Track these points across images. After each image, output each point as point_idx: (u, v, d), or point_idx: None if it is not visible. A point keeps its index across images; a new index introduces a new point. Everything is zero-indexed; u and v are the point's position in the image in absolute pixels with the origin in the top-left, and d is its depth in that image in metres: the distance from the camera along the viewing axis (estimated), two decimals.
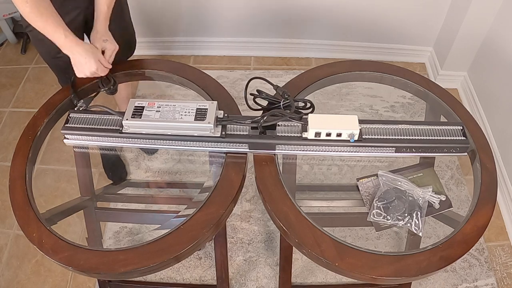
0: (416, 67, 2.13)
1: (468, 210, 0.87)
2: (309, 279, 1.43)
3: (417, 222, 0.88)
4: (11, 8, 2.12)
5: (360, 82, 1.23)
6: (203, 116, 0.92)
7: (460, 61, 1.93)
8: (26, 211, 0.86)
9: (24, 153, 0.96)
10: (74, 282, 1.44)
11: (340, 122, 0.92)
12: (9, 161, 0.96)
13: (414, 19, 1.96)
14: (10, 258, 1.51)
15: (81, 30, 1.22)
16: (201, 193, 0.96)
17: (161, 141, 0.96)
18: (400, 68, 1.15)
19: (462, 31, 1.78)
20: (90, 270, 0.79)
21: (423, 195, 0.91)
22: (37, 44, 1.22)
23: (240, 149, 0.94)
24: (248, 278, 1.44)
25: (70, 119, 0.98)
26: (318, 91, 1.15)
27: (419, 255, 0.80)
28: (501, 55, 1.67)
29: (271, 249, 1.50)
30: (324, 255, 0.80)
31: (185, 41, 2.17)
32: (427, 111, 1.18)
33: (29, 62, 2.24)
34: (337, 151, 0.94)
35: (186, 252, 0.81)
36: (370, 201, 0.93)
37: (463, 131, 0.95)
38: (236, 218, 1.57)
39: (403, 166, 0.99)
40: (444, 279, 1.42)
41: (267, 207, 0.88)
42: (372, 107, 1.86)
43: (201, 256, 1.48)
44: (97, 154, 1.56)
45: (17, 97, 2.06)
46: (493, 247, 1.51)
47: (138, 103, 0.95)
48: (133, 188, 1.58)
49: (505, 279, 1.43)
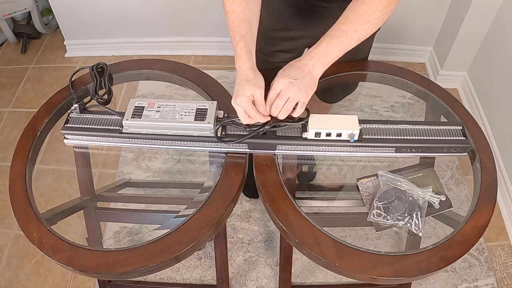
0: (416, 67, 2.13)
1: (468, 210, 0.87)
2: (309, 279, 1.43)
3: (417, 222, 0.88)
4: (11, 8, 2.12)
5: (360, 82, 1.23)
6: (203, 116, 0.92)
7: (460, 61, 1.93)
8: (26, 211, 0.86)
9: (24, 153, 0.96)
10: (74, 282, 1.44)
11: (340, 122, 0.92)
12: (9, 161, 0.96)
13: (414, 19, 1.96)
14: (10, 258, 1.51)
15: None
16: (201, 193, 0.96)
17: (161, 141, 0.95)
18: (400, 68, 1.15)
19: (462, 31, 1.78)
20: (90, 270, 0.79)
21: (423, 195, 0.91)
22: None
23: (240, 149, 0.94)
24: (248, 278, 1.44)
25: (70, 119, 0.98)
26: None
27: (419, 255, 0.80)
28: (501, 55, 1.67)
29: (271, 249, 1.50)
30: (324, 255, 0.80)
31: (185, 41, 2.17)
32: (427, 111, 1.18)
33: (29, 62, 2.25)
34: (337, 151, 0.94)
35: (186, 252, 0.81)
36: (370, 201, 0.92)
37: (463, 131, 0.95)
38: (236, 218, 1.57)
39: (403, 166, 0.99)
40: (444, 279, 1.42)
41: (267, 207, 0.88)
42: (372, 107, 1.86)
43: (201, 256, 1.48)
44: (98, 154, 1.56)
45: (17, 97, 2.06)
46: (493, 247, 1.51)
47: (138, 103, 0.95)
48: (133, 188, 1.58)
49: (505, 279, 1.43)
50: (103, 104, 1.04)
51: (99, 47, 2.23)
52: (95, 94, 1.05)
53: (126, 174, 1.69)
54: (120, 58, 1.26)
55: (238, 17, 0.87)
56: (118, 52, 2.21)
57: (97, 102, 1.04)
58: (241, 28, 0.87)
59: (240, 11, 0.86)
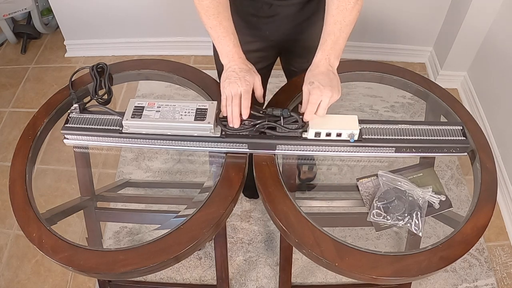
0: (416, 67, 2.13)
1: (468, 210, 0.87)
2: (309, 279, 1.43)
3: (417, 222, 0.88)
4: (11, 8, 2.12)
5: (360, 82, 1.23)
6: (203, 116, 0.92)
7: (460, 61, 1.93)
8: (26, 211, 0.86)
9: (24, 153, 0.96)
10: (74, 282, 1.44)
11: (340, 122, 0.92)
12: (9, 161, 0.96)
13: (414, 19, 1.96)
14: (10, 258, 1.51)
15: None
16: (201, 193, 0.96)
17: (161, 141, 0.95)
18: (400, 68, 1.15)
19: (462, 31, 1.78)
20: (90, 270, 0.79)
21: (423, 195, 0.91)
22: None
23: (240, 149, 0.94)
24: (248, 278, 1.44)
25: (70, 119, 0.98)
26: None
27: (419, 255, 0.80)
28: (501, 55, 1.67)
29: (271, 249, 1.50)
30: (324, 255, 0.80)
31: (185, 41, 2.17)
32: (427, 111, 1.18)
33: (29, 62, 2.25)
34: (337, 151, 0.94)
35: (186, 252, 0.81)
36: (370, 201, 0.92)
37: (463, 131, 0.95)
38: (236, 218, 1.57)
39: (403, 166, 0.99)
40: (444, 279, 1.42)
41: (267, 207, 0.88)
42: (372, 107, 1.86)
43: (201, 256, 1.48)
44: (98, 154, 1.56)
45: (17, 97, 2.07)
46: (493, 247, 1.51)
47: (138, 103, 0.95)
48: (133, 188, 1.58)
49: (505, 279, 1.43)
50: (103, 104, 1.04)
51: (99, 47, 2.23)
52: (95, 94, 1.05)
53: (126, 174, 1.69)
54: (120, 58, 1.26)
55: (216, 12, 0.90)
56: (118, 52, 2.22)
57: (97, 102, 1.04)
58: (223, 21, 0.91)
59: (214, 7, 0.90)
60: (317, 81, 0.85)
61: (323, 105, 0.86)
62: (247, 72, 0.91)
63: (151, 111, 0.93)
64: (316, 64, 0.89)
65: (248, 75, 0.90)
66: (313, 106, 0.86)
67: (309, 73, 0.89)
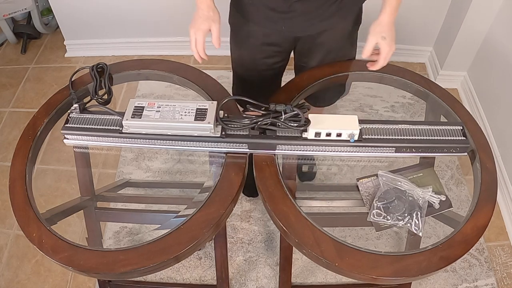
0: (416, 67, 2.13)
1: (468, 210, 0.87)
2: (309, 279, 1.43)
3: (417, 222, 0.88)
4: (11, 8, 2.12)
5: (360, 82, 1.23)
6: (203, 116, 0.92)
7: (460, 61, 1.93)
8: (26, 211, 0.86)
9: (24, 153, 0.96)
10: (74, 282, 1.44)
11: (340, 122, 0.92)
12: (9, 161, 0.96)
13: (414, 19, 1.96)
14: (10, 258, 1.51)
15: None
16: (201, 193, 0.96)
17: (161, 141, 0.95)
18: (400, 68, 1.15)
19: (462, 31, 1.78)
20: (90, 270, 0.79)
21: (423, 195, 0.91)
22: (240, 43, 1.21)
23: (240, 149, 0.94)
24: (248, 278, 1.44)
25: (70, 119, 0.98)
26: None
27: (419, 255, 0.80)
28: (501, 55, 1.67)
29: (271, 249, 1.50)
30: (324, 255, 0.80)
31: (185, 41, 2.17)
32: (427, 111, 1.18)
33: (29, 62, 2.25)
34: (337, 151, 0.94)
35: (186, 252, 0.81)
36: (370, 201, 0.93)
37: (463, 131, 0.95)
38: (236, 218, 1.57)
39: (403, 166, 0.99)
40: (444, 279, 1.42)
41: (267, 207, 0.88)
42: (372, 107, 1.86)
43: (201, 256, 1.48)
44: (98, 154, 1.56)
45: (17, 97, 2.07)
46: (493, 247, 1.51)
47: (138, 103, 0.95)
48: (133, 188, 1.58)
49: (505, 279, 1.43)
50: (103, 104, 1.04)
51: (99, 47, 2.23)
52: (95, 94, 1.05)
53: (126, 174, 1.69)
54: (120, 58, 1.26)
55: None
56: (118, 52, 2.21)
57: (97, 102, 1.04)
58: None
59: None
60: (388, 36, 0.98)
61: (389, 58, 1.00)
62: (206, 19, 1.02)
63: (151, 111, 0.93)
64: (383, 17, 1.00)
65: (206, 22, 1.01)
66: (387, 59, 1.00)
67: (379, 26, 0.99)
